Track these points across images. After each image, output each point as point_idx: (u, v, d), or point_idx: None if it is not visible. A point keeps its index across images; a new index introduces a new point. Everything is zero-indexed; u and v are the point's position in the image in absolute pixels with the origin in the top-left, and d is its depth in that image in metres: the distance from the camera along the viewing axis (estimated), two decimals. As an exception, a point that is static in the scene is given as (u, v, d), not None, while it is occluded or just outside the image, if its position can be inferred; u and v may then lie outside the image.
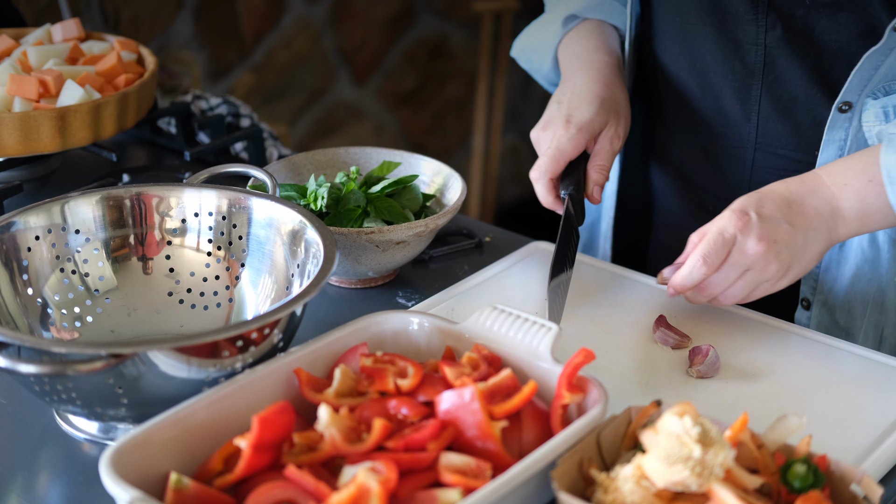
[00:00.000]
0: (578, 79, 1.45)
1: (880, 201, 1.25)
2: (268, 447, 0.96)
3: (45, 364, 1.00)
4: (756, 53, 1.39)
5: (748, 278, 1.24)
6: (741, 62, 1.40)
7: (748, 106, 1.42)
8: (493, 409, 1.00)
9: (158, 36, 2.90)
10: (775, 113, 1.41)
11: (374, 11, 3.48)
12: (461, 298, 1.37)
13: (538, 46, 1.59)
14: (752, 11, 1.36)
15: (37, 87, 1.56)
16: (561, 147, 1.39)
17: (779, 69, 1.38)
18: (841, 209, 1.25)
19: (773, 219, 1.23)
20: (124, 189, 1.29)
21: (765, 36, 1.37)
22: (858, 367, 1.25)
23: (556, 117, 1.41)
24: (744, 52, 1.40)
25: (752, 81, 1.41)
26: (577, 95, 1.42)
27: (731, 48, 1.41)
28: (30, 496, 1.09)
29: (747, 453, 1.00)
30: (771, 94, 1.40)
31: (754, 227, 1.22)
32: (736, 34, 1.39)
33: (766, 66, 1.39)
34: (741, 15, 1.38)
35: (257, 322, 1.06)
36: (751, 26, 1.38)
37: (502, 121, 3.77)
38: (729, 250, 1.23)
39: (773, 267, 1.23)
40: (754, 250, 1.22)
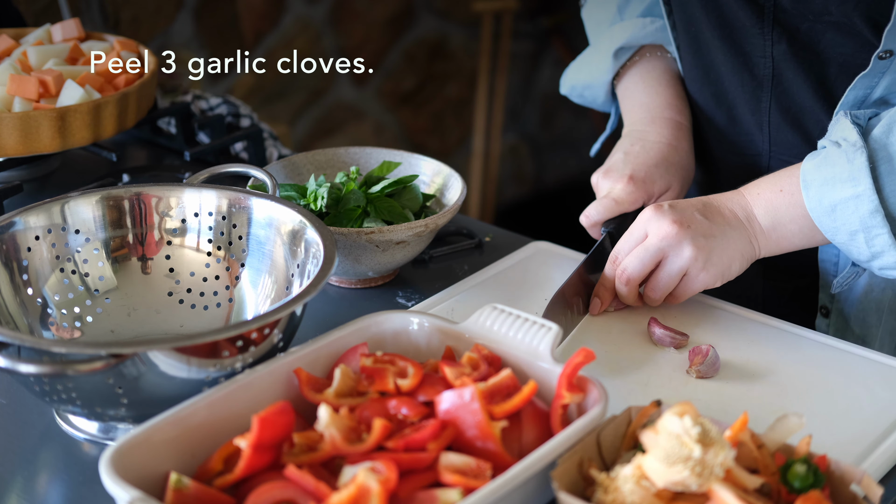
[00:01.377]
0: (649, 135, 1.45)
1: (792, 211, 1.27)
2: (268, 447, 0.96)
3: (45, 364, 1.00)
4: (764, 66, 1.39)
5: (667, 267, 1.27)
6: (750, 74, 1.41)
7: (759, 116, 1.43)
8: (493, 409, 1.00)
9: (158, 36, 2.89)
10: (785, 123, 1.41)
11: (374, 11, 3.48)
12: (461, 298, 1.37)
13: (589, 83, 1.59)
14: (757, 25, 1.37)
15: (37, 87, 1.56)
16: (619, 199, 1.39)
17: (786, 81, 1.38)
18: (756, 215, 1.29)
19: (686, 210, 1.27)
20: (124, 189, 1.29)
21: (772, 49, 1.37)
22: (858, 367, 1.25)
23: (620, 169, 1.41)
24: (752, 65, 1.40)
25: (761, 93, 1.41)
26: (645, 152, 1.42)
27: (740, 60, 1.41)
28: (30, 496, 1.09)
29: (747, 453, 1.00)
30: (780, 106, 1.40)
31: (667, 213, 1.26)
32: (744, 47, 1.40)
33: (774, 77, 1.39)
34: (748, 28, 1.38)
35: (257, 322, 1.06)
36: (758, 40, 1.38)
37: (502, 121, 3.77)
38: (638, 243, 1.27)
39: (688, 252, 1.25)
40: (666, 231, 1.25)
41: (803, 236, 1.29)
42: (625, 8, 1.55)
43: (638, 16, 1.53)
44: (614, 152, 1.45)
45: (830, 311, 1.43)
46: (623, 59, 1.53)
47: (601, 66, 1.55)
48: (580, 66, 1.60)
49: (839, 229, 1.25)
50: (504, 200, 3.96)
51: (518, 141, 4.02)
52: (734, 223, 1.28)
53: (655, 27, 1.51)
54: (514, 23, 3.73)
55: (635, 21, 1.52)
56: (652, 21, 1.52)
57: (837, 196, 1.23)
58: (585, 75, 1.59)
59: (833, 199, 1.24)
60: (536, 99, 4.03)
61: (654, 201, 1.41)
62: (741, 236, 1.28)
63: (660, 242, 1.26)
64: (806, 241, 1.30)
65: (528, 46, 3.92)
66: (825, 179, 1.24)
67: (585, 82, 1.59)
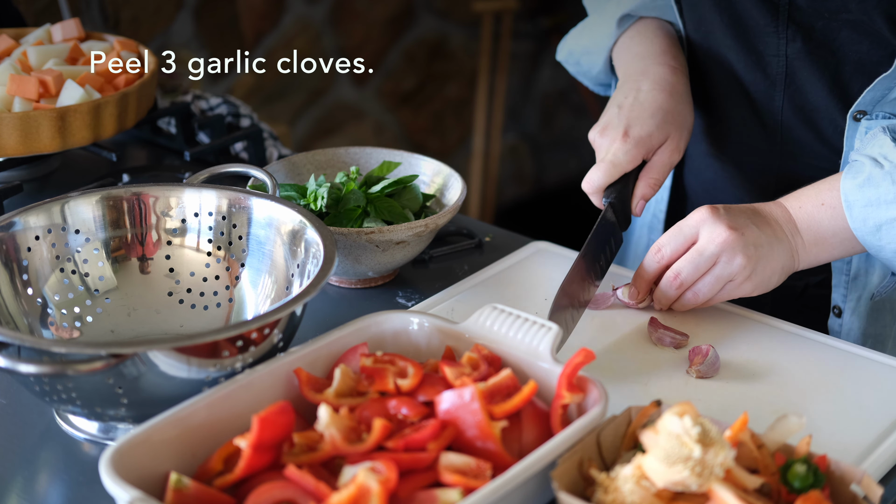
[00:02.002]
0: (643, 83, 1.41)
1: (834, 224, 1.27)
2: (268, 447, 0.96)
3: (45, 364, 1.00)
4: (777, 65, 1.39)
5: (716, 272, 1.25)
6: (763, 73, 1.40)
7: (772, 116, 1.42)
8: (493, 409, 1.00)
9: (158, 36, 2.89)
10: (798, 122, 1.41)
11: (374, 11, 3.48)
12: (461, 298, 1.37)
13: (589, 48, 1.56)
14: (772, 24, 1.36)
15: (37, 87, 1.56)
16: (616, 161, 1.36)
17: (799, 80, 1.38)
18: (799, 230, 1.28)
19: (740, 216, 1.25)
20: (124, 189, 1.29)
21: (786, 48, 1.37)
22: (858, 367, 1.25)
23: (615, 125, 1.37)
24: (765, 64, 1.40)
25: (773, 92, 1.41)
26: (639, 103, 1.38)
27: (752, 60, 1.41)
28: (30, 496, 1.09)
29: (747, 453, 1.00)
30: (793, 105, 1.40)
31: (724, 218, 1.24)
32: (757, 46, 1.39)
33: (787, 77, 1.39)
34: (762, 27, 1.37)
35: (257, 322, 1.06)
36: (772, 38, 1.37)
37: (502, 121, 3.77)
38: (689, 243, 1.25)
39: (739, 260, 1.23)
40: (723, 238, 1.23)
41: (843, 249, 1.29)
42: None
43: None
44: (609, 106, 1.41)
45: (843, 310, 1.43)
46: (625, 26, 1.51)
47: (603, 30, 1.53)
48: (581, 31, 1.58)
49: (884, 247, 1.25)
50: (504, 200, 3.96)
51: (518, 141, 4.02)
52: (780, 235, 1.27)
53: (664, 2, 1.49)
54: (514, 23, 3.73)
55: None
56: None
57: (883, 217, 1.23)
58: (586, 40, 1.56)
59: (878, 220, 1.24)
60: (536, 99, 4.03)
61: (654, 154, 1.38)
62: (785, 249, 1.27)
63: (716, 248, 1.24)
64: (844, 254, 1.30)
65: (528, 46, 3.92)
66: (869, 201, 1.24)
67: (585, 47, 1.57)
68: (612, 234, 1.36)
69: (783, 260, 1.27)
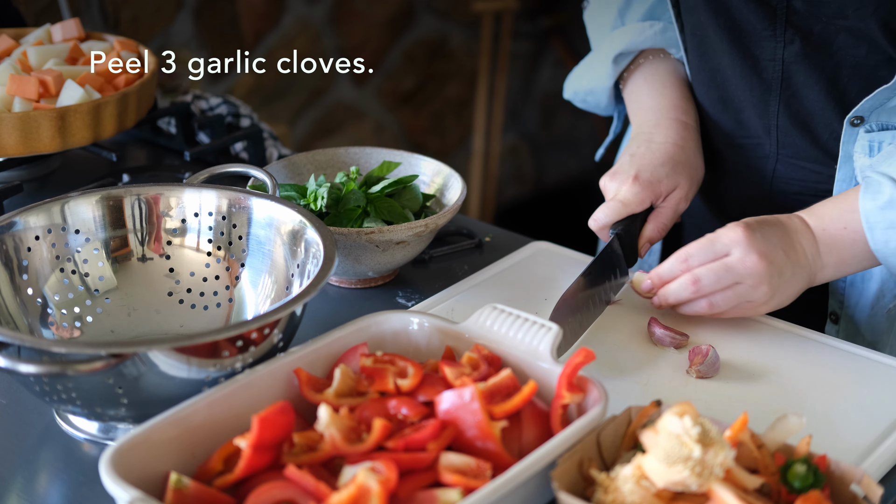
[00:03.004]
0: (655, 135, 1.44)
1: (855, 248, 1.27)
2: (268, 447, 0.96)
3: (45, 364, 1.00)
4: (773, 69, 1.39)
5: (738, 290, 1.25)
6: (759, 78, 1.40)
7: (767, 120, 1.42)
8: (493, 409, 1.00)
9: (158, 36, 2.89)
10: (793, 127, 1.41)
11: (374, 11, 3.48)
12: (461, 298, 1.37)
13: (591, 88, 1.58)
14: (769, 28, 1.36)
15: (37, 87, 1.56)
16: (625, 200, 1.37)
17: (796, 84, 1.38)
18: (821, 253, 1.27)
19: (773, 242, 1.24)
20: (124, 189, 1.29)
21: (783, 51, 1.37)
22: (858, 367, 1.25)
23: (626, 170, 1.39)
24: (761, 68, 1.40)
25: (769, 97, 1.41)
26: (650, 152, 1.41)
27: (748, 64, 1.40)
28: (30, 496, 1.09)
29: (747, 453, 1.00)
30: (789, 110, 1.40)
31: (758, 243, 1.23)
32: (753, 51, 1.39)
33: (783, 81, 1.39)
34: (758, 31, 1.37)
35: (257, 322, 1.06)
36: (768, 42, 1.37)
37: (502, 121, 3.77)
38: (717, 257, 1.24)
39: (763, 289, 1.24)
40: (754, 265, 1.23)
41: (860, 267, 1.30)
42: (626, 11, 1.54)
43: (639, 19, 1.52)
44: (621, 155, 1.44)
45: (840, 317, 1.43)
46: (623, 63, 1.53)
47: (601, 71, 1.54)
48: (582, 71, 1.60)
49: None
50: (504, 200, 3.96)
51: (518, 141, 4.02)
52: (803, 262, 1.26)
53: (655, 31, 1.51)
54: (514, 23, 3.73)
55: (635, 26, 1.51)
56: (651, 25, 1.51)
57: None
58: (587, 81, 1.58)
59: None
60: (536, 99, 4.03)
61: (662, 201, 1.40)
62: (805, 274, 1.27)
63: (743, 271, 1.23)
64: (860, 270, 1.31)
65: (528, 46, 3.92)
66: (891, 223, 1.24)
67: (587, 88, 1.58)
68: (618, 264, 1.36)
69: (802, 284, 1.27)
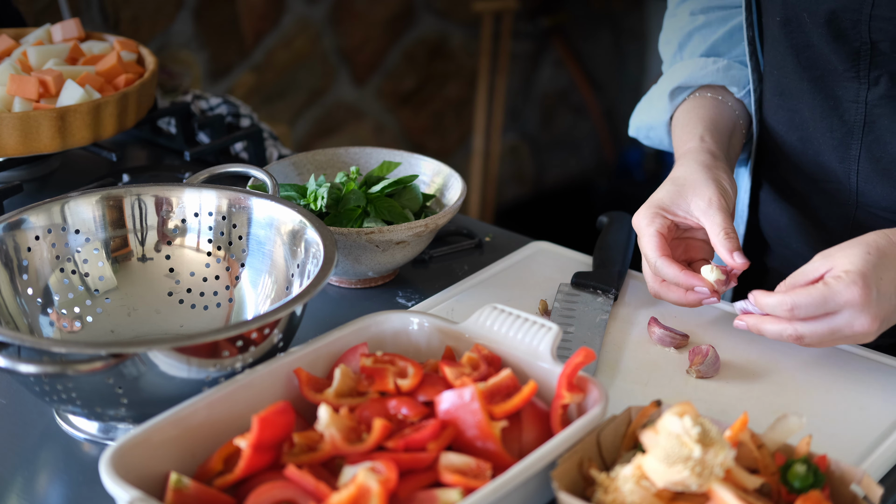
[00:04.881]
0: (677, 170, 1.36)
1: None
2: (268, 447, 0.96)
3: (45, 364, 1.00)
4: (856, 111, 1.34)
5: (837, 339, 1.18)
6: (840, 120, 1.35)
7: (847, 164, 1.37)
8: (493, 409, 1.00)
9: (158, 36, 2.89)
10: (875, 174, 1.35)
11: (374, 11, 3.48)
12: (461, 298, 1.37)
13: (651, 124, 1.53)
14: (853, 69, 1.31)
15: (37, 87, 1.57)
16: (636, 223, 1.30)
17: (879, 129, 1.33)
18: None
19: (888, 295, 1.16)
20: (124, 189, 1.29)
21: (866, 93, 1.32)
22: (858, 367, 1.25)
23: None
24: (843, 110, 1.35)
25: (850, 140, 1.36)
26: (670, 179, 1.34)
27: (829, 105, 1.36)
28: (30, 496, 1.09)
29: (747, 453, 1.00)
30: (870, 155, 1.35)
31: (873, 306, 1.15)
32: (835, 91, 1.34)
33: (865, 125, 1.34)
34: (841, 72, 1.33)
35: (257, 322, 1.06)
36: (852, 83, 1.33)
37: (502, 121, 3.77)
38: (825, 312, 1.16)
39: (866, 340, 1.18)
40: (863, 329, 1.16)
41: None
42: (686, 45, 1.50)
43: (700, 55, 1.49)
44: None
45: None
46: (678, 98, 1.48)
47: (659, 106, 1.50)
48: (644, 106, 1.55)
49: None
50: (504, 200, 3.96)
51: (518, 141, 4.02)
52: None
53: (718, 67, 1.46)
54: (514, 23, 3.73)
55: (697, 60, 1.47)
56: (714, 62, 1.46)
57: None
58: (646, 116, 1.53)
59: None
60: (536, 99, 4.03)
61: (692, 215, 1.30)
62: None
63: (850, 334, 1.16)
64: None
65: (528, 46, 3.92)
66: None
67: (648, 123, 1.53)
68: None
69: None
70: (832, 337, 1.17)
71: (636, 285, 1.40)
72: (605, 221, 1.51)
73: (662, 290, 1.28)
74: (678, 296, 1.27)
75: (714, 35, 1.49)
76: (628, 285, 1.40)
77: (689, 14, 1.51)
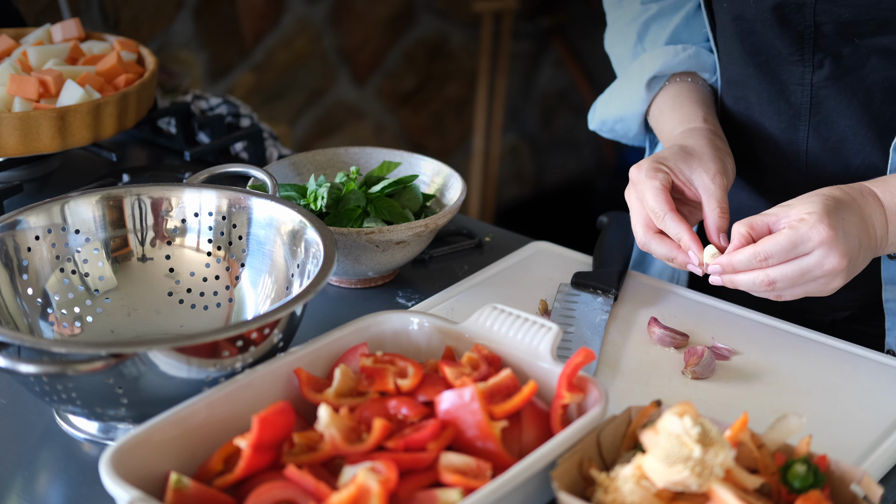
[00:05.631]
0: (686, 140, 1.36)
1: None
2: (268, 447, 0.96)
3: (45, 364, 1.00)
4: (802, 94, 1.35)
5: (809, 287, 1.19)
6: (787, 103, 1.37)
7: (796, 146, 1.39)
8: (493, 409, 1.00)
9: (158, 36, 2.90)
10: (824, 153, 1.37)
11: (374, 11, 3.48)
12: (461, 298, 1.37)
13: (621, 116, 1.52)
14: (797, 53, 1.33)
15: (37, 87, 1.57)
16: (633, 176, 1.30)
17: (826, 110, 1.35)
18: (889, 232, 1.23)
19: (852, 235, 1.18)
20: (124, 189, 1.29)
21: (811, 76, 1.34)
22: (858, 368, 1.25)
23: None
24: (789, 93, 1.36)
25: (798, 122, 1.37)
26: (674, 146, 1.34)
27: (775, 89, 1.37)
28: (30, 496, 1.09)
29: (747, 453, 1.00)
30: (818, 135, 1.37)
31: (840, 243, 1.16)
32: (781, 76, 1.36)
33: (812, 106, 1.35)
34: (785, 56, 1.34)
35: (257, 322, 1.06)
36: (796, 67, 1.34)
37: (502, 121, 3.77)
38: (796, 255, 1.17)
39: (836, 283, 1.19)
40: (833, 267, 1.16)
41: None
42: (644, 36, 1.50)
43: (664, 44, 1.49)
44: None
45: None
46: (656, 87, 1.48)
47: (633, 96, 1.49)
48: (609, 98, 1.54)
49: None
50: (504, 200, 3.96)
51: (518, 141, 4.02)
52: (873, 245, 1.21)
53: (689, 54, 1.47)
54: (514, 23, 3.73)
55: (666, 49, 1.47)
56: (684, 48, 1.47)
57: None
58: (616, 108, 1.52)
59: None
60: (536, 99, 4.03)
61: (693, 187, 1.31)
62: (871, 253, 1.22)
63: (821, 273, 1.17)
64: None
65: (528, 46, 3.92)
66: None
67: (617, 115, 1.53)
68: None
69: (867, 263, 1.22)
70: (803, 278, 1.17)
71: (636, 285, 1.40)
72: (605, 221, 1.51)
73: (653, 242, 1.28)
74: (667, 251, 1.27)
75: (671, 23, 1.49)
76: (628, 285, 1.40)
77: (640, 4, 1.51)
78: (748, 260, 1.19)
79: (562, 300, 1.35)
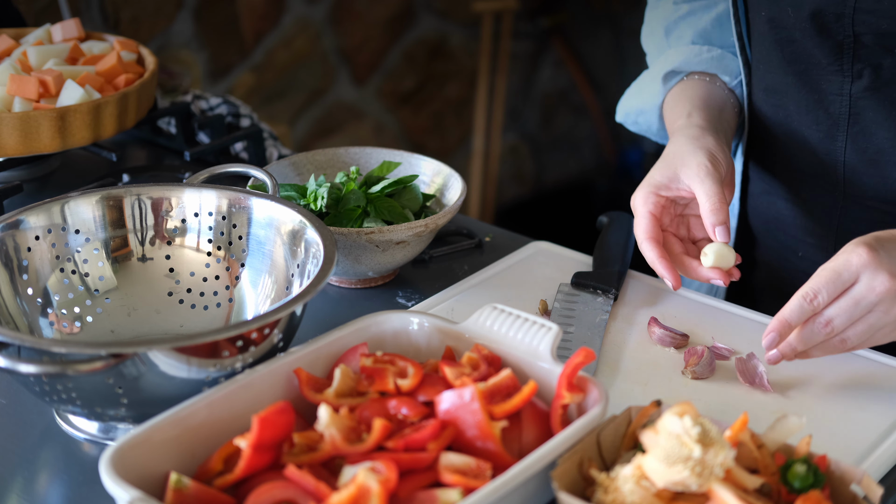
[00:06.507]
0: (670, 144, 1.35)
1: None
2: (268, 447, 0.96)
3: (45, 364, 1.00)
4: (841, 104, 1.35)
5: (871, 319, 1.14)
6: (825, 113, 1.36)
7: (833, 156, 1.38)
8: (493, 409, 1.00)
9: (158, 36, 2.90)
10: (861, 165, 1.36)
11: (374, 11, 3.48)
12: (461, 298, 1.37)
13: (642, 108, 1.53)
14: (836, 62, 1.32)
15: (37, 87, 1.57)
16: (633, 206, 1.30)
17: (864, 121, 1.34)
18: None
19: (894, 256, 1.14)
20: (124, 189, 1.29)
21: (850, 86, 1.33)
22: (858, 367, 1.25)
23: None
24: (828, 103, 1.36)
25: (836, 132, 1.36)
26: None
27: (814, 98, 1.37)
28: (30, 496, 1.09)
29: (747, 453, 1.00)
30: (856, 146, 1.35)
31: (885, 262, 1.13)
32: (820, 85, 1.35)
33: (850, 117, 1.34)
34: (825, 66, 1.34)
35: (257, 322, 1.06)
36: (836, 77, 1.34)
37: (502, 121, 3.77)
38: (845, 288, 1.14)
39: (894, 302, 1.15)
40: (885, 287, 1.12)
41: None
42: (671, 32, 1.51)
43: (690, 42, 1.49)
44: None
45: None
46: (671, 82, 1.48)
47: (651, 89, 1.50)
48: (634, 91, 1.56)
49: None
50: (504, 200, 3.96)
51: (518, 141, 4.02)
52: None
53: (712, 56, 1.47)
54: (514, 23, 3.73)
55: (691, 47, 1.48)
56: (709, 50, 1.47)
57: None
58: (638, 101, 1.54)
59: None
60: (536, 99, 4.03)
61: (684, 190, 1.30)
62: None
63: (876, 298, 1.13)
64: None
65: (528, 46, 3.92)
66: None
67: (638, 108, 1.54)
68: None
69: None
70: (858, 308, 1.13)
71: (636, 285, 1.40)
72: (605, 221, 1.51)
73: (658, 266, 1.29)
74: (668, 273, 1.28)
75: (701, 23, 1.49)
76: (628, 285, 1.40)
77: (672, 3, 1.52)
78: (798, 304, 1.15)
79: (562, 300, 1.35)
